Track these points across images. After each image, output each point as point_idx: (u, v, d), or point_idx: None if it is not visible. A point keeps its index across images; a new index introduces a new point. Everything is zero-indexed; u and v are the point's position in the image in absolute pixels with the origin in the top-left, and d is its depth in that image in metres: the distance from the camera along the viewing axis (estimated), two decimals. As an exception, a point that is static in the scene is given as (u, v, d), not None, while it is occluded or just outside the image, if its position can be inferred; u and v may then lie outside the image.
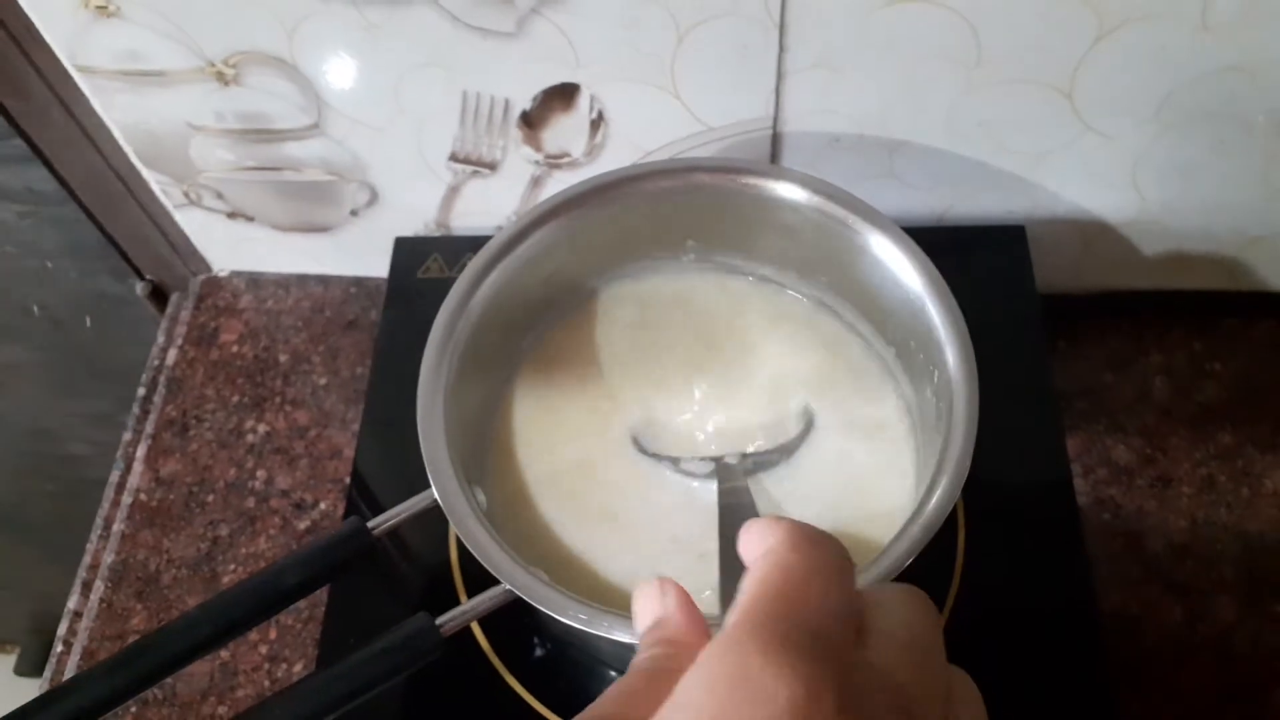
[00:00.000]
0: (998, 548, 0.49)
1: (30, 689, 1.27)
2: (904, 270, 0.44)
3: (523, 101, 0.53)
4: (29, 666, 1.30)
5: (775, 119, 0.52)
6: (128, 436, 0.62)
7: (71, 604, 0.57)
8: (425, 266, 0.60)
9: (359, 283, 0.66)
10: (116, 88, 0.54)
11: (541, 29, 0.48)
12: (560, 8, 0.47)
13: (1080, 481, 0.55)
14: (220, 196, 0.61)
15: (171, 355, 0.64)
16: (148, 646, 0.37)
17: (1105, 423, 0.57)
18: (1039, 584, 0.48)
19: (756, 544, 0.25)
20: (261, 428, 0.61)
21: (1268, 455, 0.55)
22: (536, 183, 0.58)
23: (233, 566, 0.56)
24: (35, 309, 0.75)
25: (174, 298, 0.68)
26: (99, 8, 0.49)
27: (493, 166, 0.57)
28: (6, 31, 0.52)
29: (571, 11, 0.48)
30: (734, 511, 0.41)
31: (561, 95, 0.52)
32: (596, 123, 0.53)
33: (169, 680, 0.52)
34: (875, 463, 0.46)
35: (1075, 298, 0.60)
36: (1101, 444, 0.56)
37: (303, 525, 0.57)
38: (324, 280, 0.66)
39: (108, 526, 0.59)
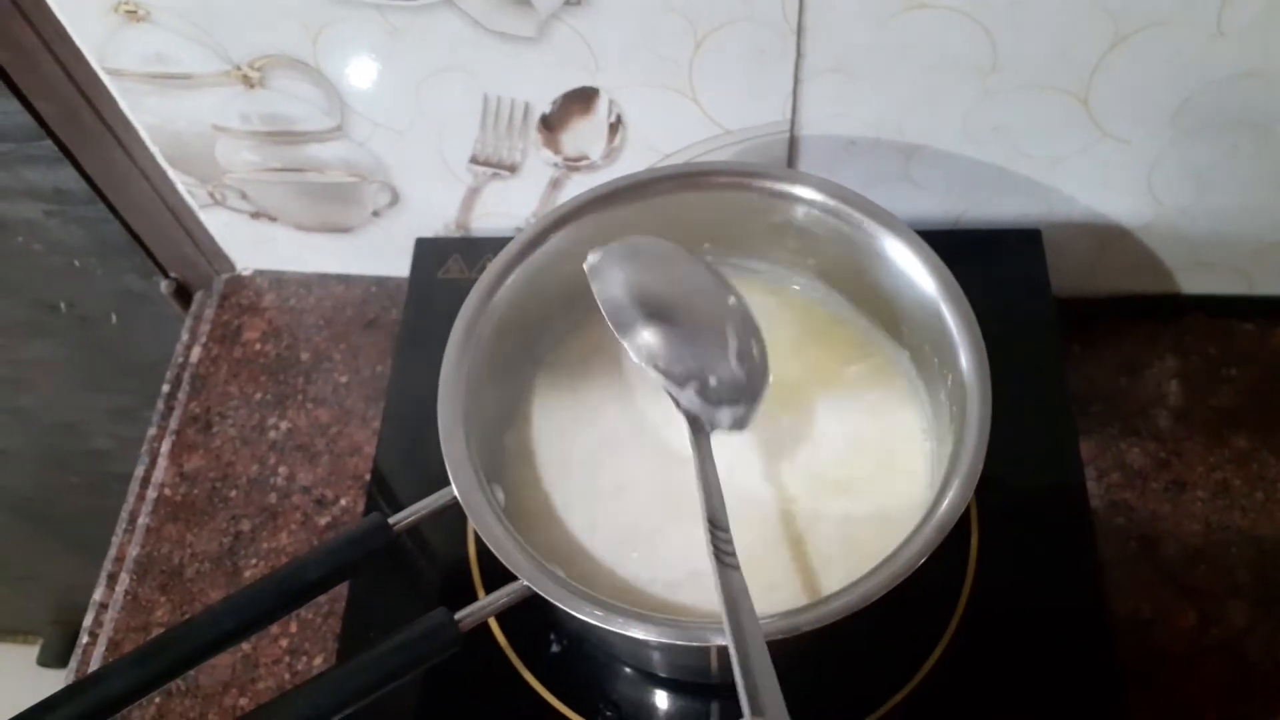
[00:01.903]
0: (1011, 550, 0.49)
1: (53, 679, 1.28)
2: (918, 274, 0.44)
3: (542, 105, 0.53)
4: (51, 657, 1.32)
5: (792, 123, 0.53)
6: (152, 432, 0.63)
7: (97, 596, 0.58)
8: (445, 267, 0.61)
9: (380, 282, 0.67)
10: (144, 90, 0.55)
11: (561, 34, 0.49)
12: (580, 13, 0.48)
13: (1094, 485, 0.55)
14: (244, 197, 0.62)
15: (195, 352, 0.65)
16: (172, 639, 0.38)
17: (1119, 426, 0.57)
18: (1051, 586, 0.49)
19: None
20: (283, 424, 0.62)
21: (1283, 460, 0.55)
22: (555, 185, 0.58)
23: (254, 561, 0.57)
24: (62, 306, 0.76)
25: (198, 296, 0.69)
26: (129, 12, 0.50)
27: (512, 169, 0.58)
28: (37, 34, 0.53)
29: (591, 17, 0.48)
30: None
31: (581, 99, 0.53)
32: (615, 126, 0.54)
33: (191, 672, 0.53)
34: (889, 463, 0.46)
35: (1091, 301, 0.61)
36: (1116, 447, 0.56)
37: (323, 521, 0.58)
38: (345, 280, 0.67)
39: (133, 520, 0.60)
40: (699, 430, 0.43)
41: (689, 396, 0.43)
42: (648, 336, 0.43)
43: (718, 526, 0.38)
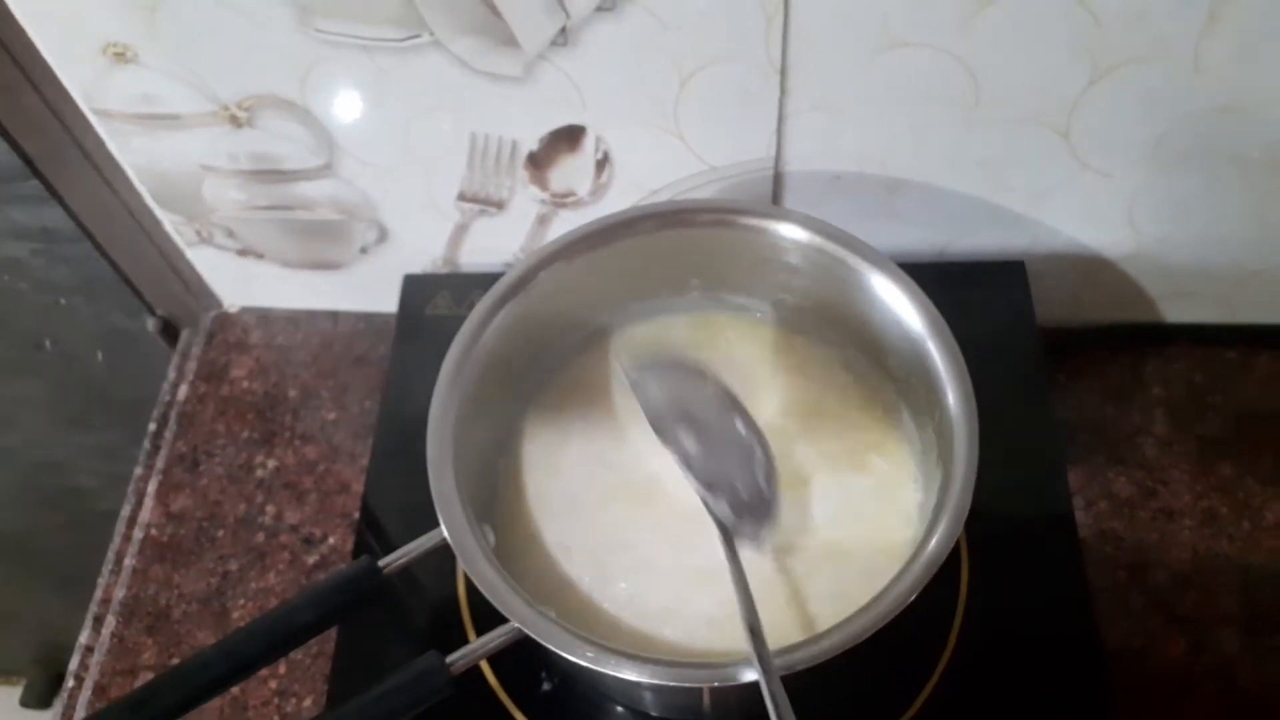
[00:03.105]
0: (1001, 581, 0.49)
1: (36, 721, 1.27)
2: (904, 310, 0.45)
3: (529, 143, 0.54)
4: (34, 699, 1.30)
5: (777, 159, 0.53)
6: (139, 471, 0.62)
7: (83, 638, 0.57)
8: (434, 303, 0.61)
9: (368, 319, 0.67)
10: (132, 130, 0.55)
11: (548, 74, 0.49)
12: (566, 54, 0.48)
13: (1082, 514, 0.55)
14: (232, 235, 0.62)
15: (182, 391, 0.65)
16: (162, 686, 0.38)
17: (1106, 455, 0.57)
18: (1042, 617, 0.49)
19: None
20: (271, 463, 0.61)
21: (1268, 487, 0.55)
22: (543, 221, 0.58)
23: (242, 601, 0.57)
24: (47, 344, 0.76)
25: (185, 334, 0.69)
26: (117, 54, 0.51)
27: (500, 205, 0.58)
28: (25, 76, 0.53)
29: (577, 57, 0.49)
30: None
31: (567, 137, 0.53)
32: (601, 163, 0.54)
33: (179, 715, 0.53)
34: (879, 498, 0.46)
35: (1075, 331, 0.61)
36: (1103, 477, 0.56)
37: (311, 560, 0.58)
38: (333, 316, 0.67)
39: (119, 561, 0.59)
40: (729, 539, 0.43)
41: (721, 506, 0.43)
42: (688, 445, 0.44)
43: (756, 634, 0.38)
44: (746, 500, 0.43)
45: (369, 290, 0.65)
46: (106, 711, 0.38)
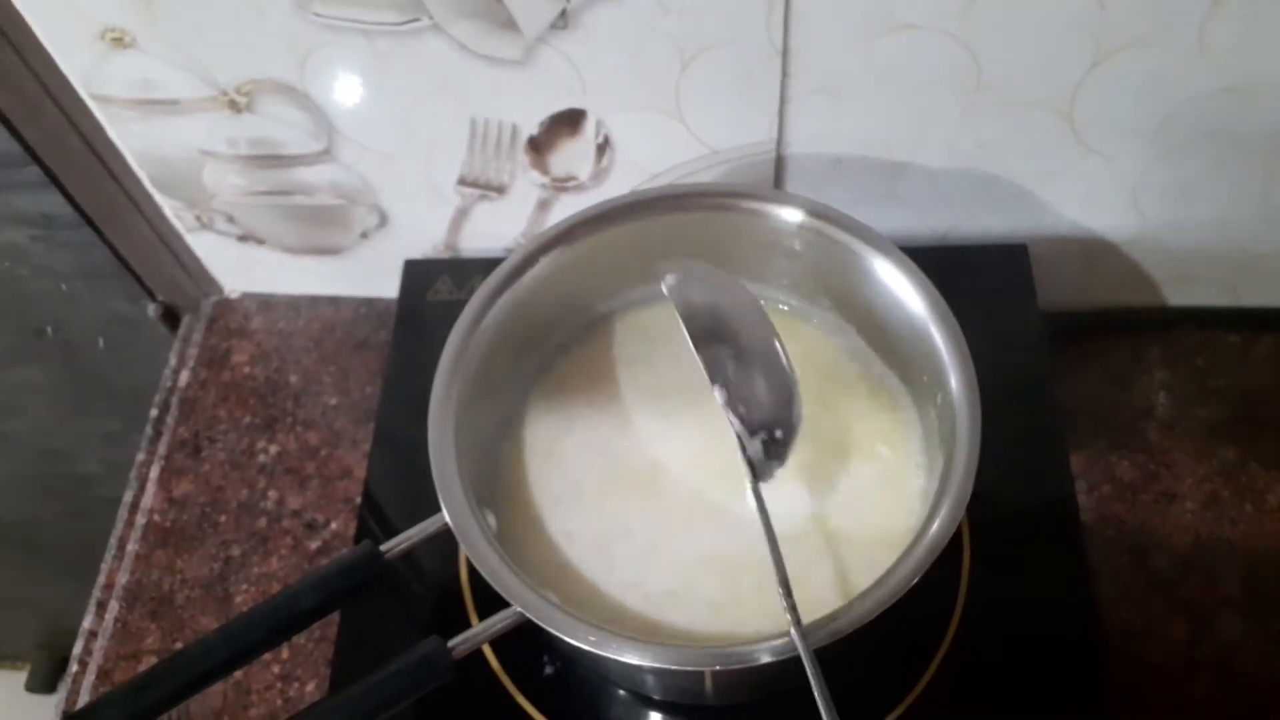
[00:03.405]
0: (1003, 565, 0.49)
1: (40, 705, 1.28)
2: (907, 294, 0.45)
3: (530, 127, 0.54)
4: (39, 683, 1.30)
5: (779, 142, 0.53)
6: (141, 457, 0.63)
7: (87, 623, 0.57)
8: (434, 288, 0.61)
9: (368, 303, 0.67)
10: (131, 116, 0.55)
11: (548, 57, 0.49)
12: (566, 37, 0.48)
13: (1084, 498, 0.55)
14: (232, 220, 0.62)
15: (184, 376, 0.65)
16: (165, 671, 0.38)
17: (1109, 439, 0.57)
18: (1044, 601, 0.49)
19: None
20: (273, 448, 0.61)
21: (1271, 471, 0.55)
22: (543, 205, 0.58)
23: (245, 586, 0.57)
24: (49, 330, 0.76)
25: (186, 319, 0.69)
26: (115, 39, 0.50)
27: (500, 190, 0.58)
28: (24, 62, 0.53)
29: (577, 41, 0.48)
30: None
31: (568, 121, 0.53)
32: (602, 147, 0.54)
33: (183, 700, 0.53)
34: (884, 486, 0.46)
35: (1078, 315, 0.61)
36: (1105, 460, 0.56)
37: (314, 545, 0.58)
38: (334, 301, 0.67)
39: (121, 547, 0.59)
40: (756, 483, 0.41)
41: (756, 447, 0.42)
42: (728, 367, 0.42)
43: (789, 592, 0.37)
44: (780, 438, 0.42)
45: (370, 275, 0.65)
46: (110, 696, 0.38)
